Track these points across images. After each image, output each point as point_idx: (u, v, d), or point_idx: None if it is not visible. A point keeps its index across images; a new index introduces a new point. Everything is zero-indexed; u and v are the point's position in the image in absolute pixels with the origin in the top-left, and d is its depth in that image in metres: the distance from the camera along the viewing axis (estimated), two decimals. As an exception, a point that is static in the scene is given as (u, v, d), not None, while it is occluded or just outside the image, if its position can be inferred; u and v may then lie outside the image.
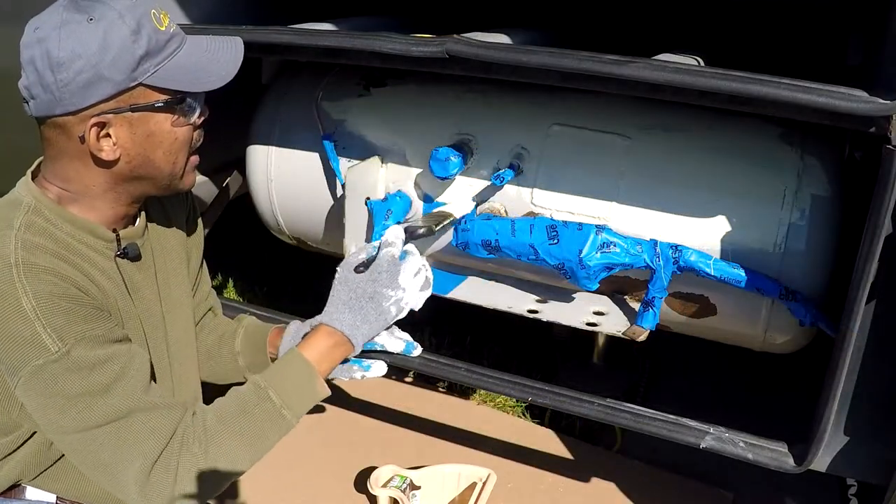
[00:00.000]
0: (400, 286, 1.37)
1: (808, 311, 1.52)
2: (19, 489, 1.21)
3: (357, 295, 1.36)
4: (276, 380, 1.24)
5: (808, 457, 1.42)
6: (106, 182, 1.16)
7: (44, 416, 1.08)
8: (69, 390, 1.05)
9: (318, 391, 1.27)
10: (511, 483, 2.05)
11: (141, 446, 1.09)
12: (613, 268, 1.58)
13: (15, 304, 1.03)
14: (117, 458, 1.09)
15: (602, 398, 1.56)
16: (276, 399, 1.21)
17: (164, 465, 1.10)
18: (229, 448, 1.16)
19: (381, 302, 1.35)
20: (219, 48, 1.20)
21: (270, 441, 1.21)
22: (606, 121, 1.69)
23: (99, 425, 1.08)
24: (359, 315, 1.34)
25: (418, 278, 1.41)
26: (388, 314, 1.37)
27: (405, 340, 1.62)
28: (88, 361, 1.06)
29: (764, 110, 1.34)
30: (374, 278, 1.37)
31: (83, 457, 1.11)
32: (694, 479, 2.06)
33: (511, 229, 1.61)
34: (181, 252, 1.41)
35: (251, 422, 1.18)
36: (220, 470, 1.15)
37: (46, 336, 1.03)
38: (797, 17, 1.99)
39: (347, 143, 1.86)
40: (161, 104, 1.12)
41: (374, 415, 2.27)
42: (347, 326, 1.33)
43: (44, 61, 1.05)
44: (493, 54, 1.41)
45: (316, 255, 2.17)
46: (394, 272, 1.38)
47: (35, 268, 1.05)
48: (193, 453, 1.12)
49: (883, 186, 1.22)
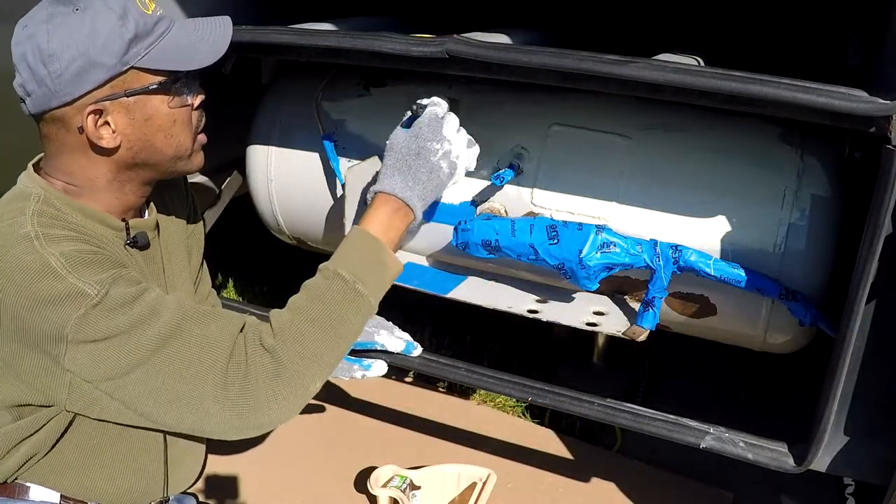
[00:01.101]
0: (445, 138, 1.26)
1: (808, 311, 1.52)
2: (23, 488, 1.20)
3: (403, 154, 1.25)
4: (342, 257, 1.15)
5: (808, 457, 1.42)
6: (109, 171, 1.16)
7: (100, 365, 1.04)
8: (118, 327, 1.03)
9: (388, 263, 1.18)
10: (511, 483, 2.05)
11: (207, 358, 1.04)
12: (613, 268, 1.58)
13: (43, 267, 1.02)
14: (188, 382, 1.04)
15: (602, 398, 1.56)
16: (347, 275, 1.12)
17: (237, 370, 1.05)
18: (310, 336, 1.08)
19: (428, 157, 1.24)
20: (207, 28, 1.20)
21: (351, 324, 1.12)
22: (606, 121, 1.69)
23: (156, 349, 1.04)
24: (409, 175, 1.23)
25: (462, 134, 1.30)
26: (440, 170, 1.25)
27: (405, 340, 1.62)
28: (128, 297, 1.04)
29: (764, 110, 1.34)
30: (416, 133, 1.27)
31: (155, 397, 1.05)
32: (694, 479, 2.06)
33: (511, 229, 1.61)
34: (184, 249, 1.41)
35: (324, 305, 1.10)
36: (304, 362, 1.06)
37: (83, 284, 1.02)
38: (797, 17, 1.99)
39: (347, 143, 1.86)
40: (156, 86, 1.13)
41: (374, 415, 2.27)
42: (399, 189, 1.22)
43: (35, 56, 1.06)
44: (493, 54, 1.41)
45: (316, 255, 2.17)
46: (436, 126, 1.27)
47: (56, 236, 1.06)
48: (269, 347, 1.06)
49: (883, 186, 1.22)
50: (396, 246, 1.21)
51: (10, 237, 1.06)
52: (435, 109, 1.29)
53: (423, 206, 1.24)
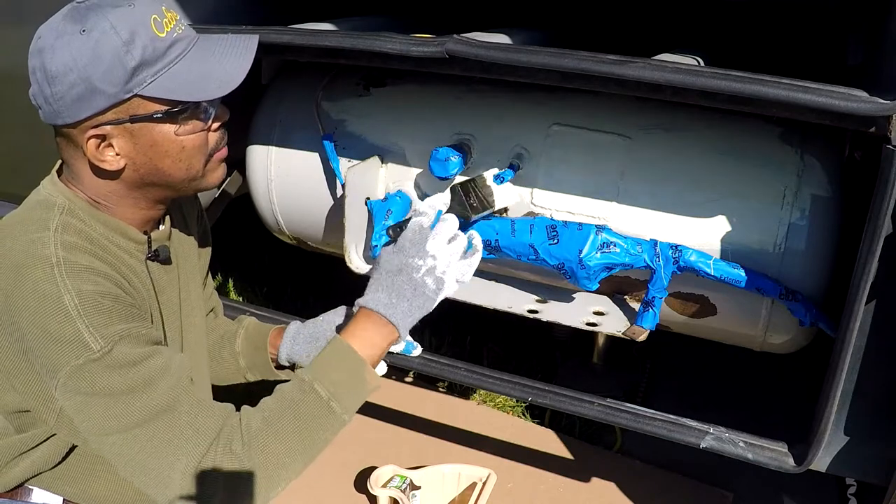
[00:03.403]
0: (428, 253, 1.21)
1: (808, 311, 1.52)
2: (26, 491, 1.20)
3: (386, 270, 1.21)
4: (321, 370, 1.14)
5: (808, 457, 1.42)
6: (120, 189, 1.15)
7: (84, 416, 1.05)
8: (111, 388, 1.02)
9: (368, 380, 1.16)
10: (511, 483, 2.05)
11: (185, 445, 1.04)
12: (613, 268, 1.58)
13: (57, 302, 1.01)
14: (160, 459, 1.04)
15: (602, 398, 1.56)
16: (323, 392, 1.11)
17: (208, 466, 1.05)
18: (275, 449, 1.08)
19: (410, 274, 1.20)
20: (228, 51, 1.15)
21: (321, 438, 1.12)
22: (606, 121, 1.69)
23: (141, 423, 1.04)
24: (393, 292, 1.19)
25: (455, 244, 1.24)
26: (425, 287, 1.20)
27: (405, 340, 1.62)
28: (130, 359, 1.03)
29: (764, 110, 1.34)
30: (398, 249, 1.22)
31: (126, 460, 1.06)
32: (694, 479, 2.06)
33: (511, 229, 1.61)
34: (196, 255, 1.41)
35: (297, 418, 1.10)
36: (266, 472, 1.08)
37: (88, 334, 1.01)
38: (797, 18, 1.99)
39: (347, 143, 1.86)
40: (160, 115, 1.09)
41: (374, 415, 2.27)
42: (383, 306, 1.18)
43: (42, 73, 1.05)
44: (493, 54, 1.41)
45: (316, 255, 2.17)
46: (420, 240, 1.22)
47: (76, 266, 1.04)
48: (236, 455, 1.05)
49: (883, 186, 1.22)
50: (377, 361, 1.19)
51: (32, 256, 1.05)
52: (420, 220, 1.24)
53: (410, 324, 1.20)
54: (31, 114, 1.11)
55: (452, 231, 1.24)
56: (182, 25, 1.12)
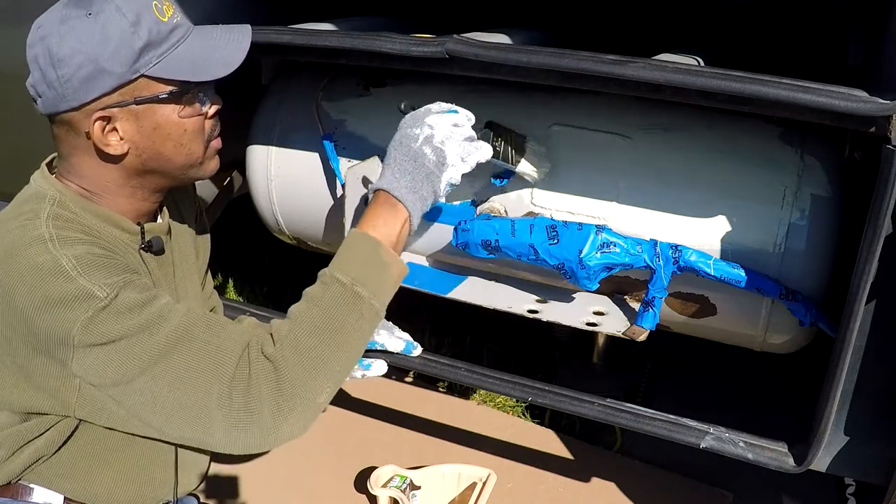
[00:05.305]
0: (425, 123, 1.20)
1: (808, 311, 1.52)
2: (27, 490, 1.19)
3: (390, 150, 1.21)
4: (338, 260, 1.12)
5: (808, 457, 1.42)
6: (119, 177, 1.15)
7: (105, 370, 1.03)
8: (124, 331, 1.01)
9: (389, 262, 1.13)
10: (511, 483, 2.05)
11: (213, 366, 1.02)
12: (613, 268, 1.58)
13: (55, 267, 1.01)
14: (193, 390, 1.02)
15: (602, 398, 1.56)
16: (344, 278, 1.08)
17: (241, 379, 1.02)
18: (308, 342, 1.05)
19: (409, 144, 1.18)
20: (225, 37, 1.19)
21: (353, 329, 1.08)
22: (606, 121, 1.69)
23: (161, 356, 1.02)
24: (396, 168, 1.18)
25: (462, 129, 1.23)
26: (423, 157, 1.18)
27: (405, 340, 1.62)
28: (137, 301, 1.03)
29: (764, 110, 1.34)
30: (400, 125, 1.23)
31: (159, 406, 1.03)
32: (694, 479, 2.07)
33: (511, 229, 1.61)
34: (193, 251, 1.41)
35: (322, 311, 1.07)
36: (305, 368, 1.03)
37: (92, 285, 1.01)
38: (797, 17, 1.99)
39: (347, 143, 1.86)
40: (165, 95, 1.11)
41: (374, 415, 2.27)
42: (387, 183, 1.17)
43: (46, 58, 1.06)
44: (493, 54, 1.41)
45: (316, 255, 2.17)
46: (421, 114, 1.22)
47: (69, 239, 1.05)
48: (270, 356, 1.03)
49: (883, 186, 1.22)
50: (397, 244, 1.16)
51: (24, 239, 1.05)
52: (430, 105, 1.25)
53: (418, 200, 1.18)
54: (27, 113, 1.12)
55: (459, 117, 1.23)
56: (179, 14, 1.15)
